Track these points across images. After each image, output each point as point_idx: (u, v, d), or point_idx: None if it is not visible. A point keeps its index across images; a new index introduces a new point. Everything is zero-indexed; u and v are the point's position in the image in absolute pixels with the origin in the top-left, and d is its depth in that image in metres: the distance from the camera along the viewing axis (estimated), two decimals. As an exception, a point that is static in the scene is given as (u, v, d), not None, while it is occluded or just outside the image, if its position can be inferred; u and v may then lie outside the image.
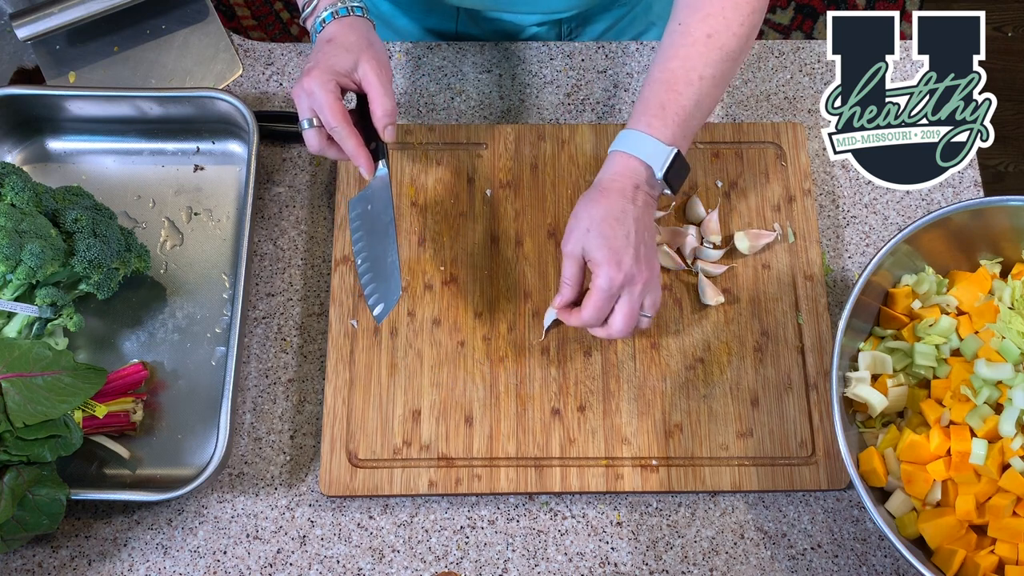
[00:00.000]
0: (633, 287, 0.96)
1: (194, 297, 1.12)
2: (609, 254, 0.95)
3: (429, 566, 1.02)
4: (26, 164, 1.18)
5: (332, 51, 0.99)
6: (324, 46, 0.99)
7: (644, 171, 0.97)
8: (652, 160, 0.96)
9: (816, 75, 1.25)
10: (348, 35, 1.00)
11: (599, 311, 0.97)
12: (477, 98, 1.23)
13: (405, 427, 1.05)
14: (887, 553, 1.03)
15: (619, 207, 0.96)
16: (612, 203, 0.96)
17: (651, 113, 0.97)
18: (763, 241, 1.13)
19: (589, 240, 0.96)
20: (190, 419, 1.07)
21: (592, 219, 0.96)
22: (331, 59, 0.98)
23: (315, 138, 0.99)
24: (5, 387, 0.95)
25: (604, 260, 0.95)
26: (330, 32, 1.00)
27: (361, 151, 0.98)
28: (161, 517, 1.04)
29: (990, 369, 0.94)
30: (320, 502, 1.05)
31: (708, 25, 0.97)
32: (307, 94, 0.97)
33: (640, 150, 0.97)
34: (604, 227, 0.95)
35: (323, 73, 0.97)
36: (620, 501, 1.05)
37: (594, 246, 0.95)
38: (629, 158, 0.97)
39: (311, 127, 0.99)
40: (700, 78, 0.97)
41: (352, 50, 0.99)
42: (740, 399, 1.07)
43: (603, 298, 0.96)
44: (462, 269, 1.12)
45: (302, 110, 0.99)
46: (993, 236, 1.03)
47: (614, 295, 0.96)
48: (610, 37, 1.33)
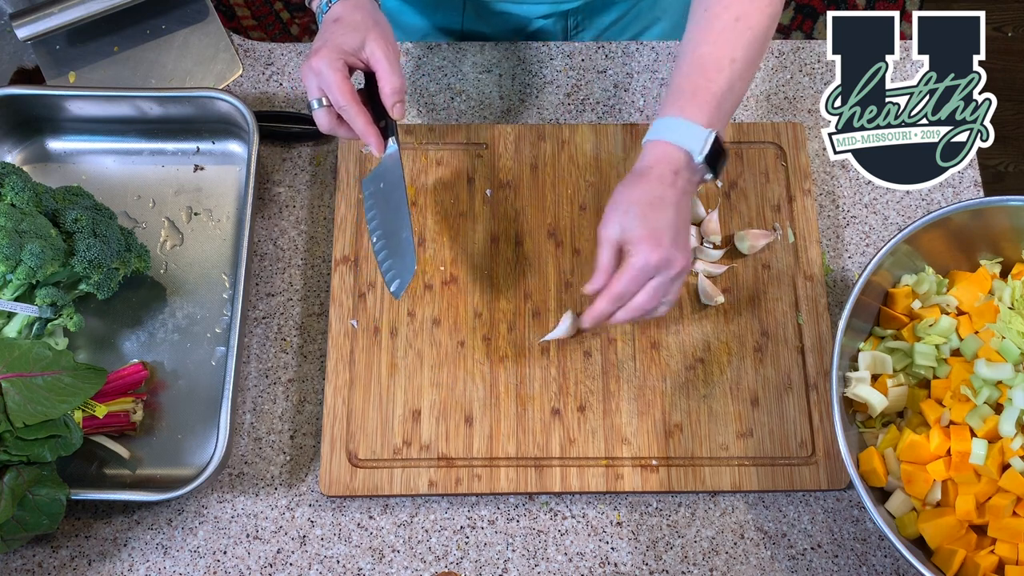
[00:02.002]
0: (669, 271, 0.93)
1: (194, 297, 1.12)
2: (648, 233, 0.92)
3: (429, 566, 1.02)
4: (26, 164, 1.18)
5: (339, 30, 0.98)
6: (331, 26, 0.99)
7: (683, 157, 0.94)
8: (690, 144, 0.94)
9: (816, 75, 1.25)
10: (354, 14, 1.00)
11: (628, 289, 0.94)
12: (477, 98, 1.23)
13: (405, 427, 1.05)
14: (887, 553, 1.03)
15: (658, 191, 0.94)
16: (651, 187, 0.94)
17: (684, 99, 0.95)
18: (763, 241, 1.13)
19: (628, 220, 0.93)
20: (190, 419, 1.07)
21: (631, 201, 0.94)
22: (338, 38, 0.98)
23: (325, 118, 0.99)
24: (5, 387, 0.95)
25: (642, 238, 0.92)
26: (336, 12, 1.00)
27: (370, 129, 0.98)
28: (161, 517, 1.04)
29: (990, 369, 0.94)
30: (320, 502, 1.05)
31: (736, 8, 0.96)
32: (315, 74, 0.97)
33: (676, 136, 0.94)
34: (644, 208, 0.93)
35: (331, 52, 0.97)
36: (620, 501, 1.05)
37: (633, 225, 0.93)
38: (666, 145, 0.95)
39: (320, 107, 0.99)
40: (731, 61, 0.95)
41: (359, 29, 0.98)
42: (740, 399, 1.07)
43: (636, 277, 0.93)
44: (462, 269, 1.12)
45: (311, 90, 0.99)
46: (993, 236, 1.03)
47: (648, 275, 0.93)
48: (616, 31, 1.33)
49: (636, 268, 0.93)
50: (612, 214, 0.95)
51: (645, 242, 0.92)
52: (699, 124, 0.94)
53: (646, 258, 0.92)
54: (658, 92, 1.23)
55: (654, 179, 0.94)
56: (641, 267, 0.92)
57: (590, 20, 1.31)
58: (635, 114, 1.22)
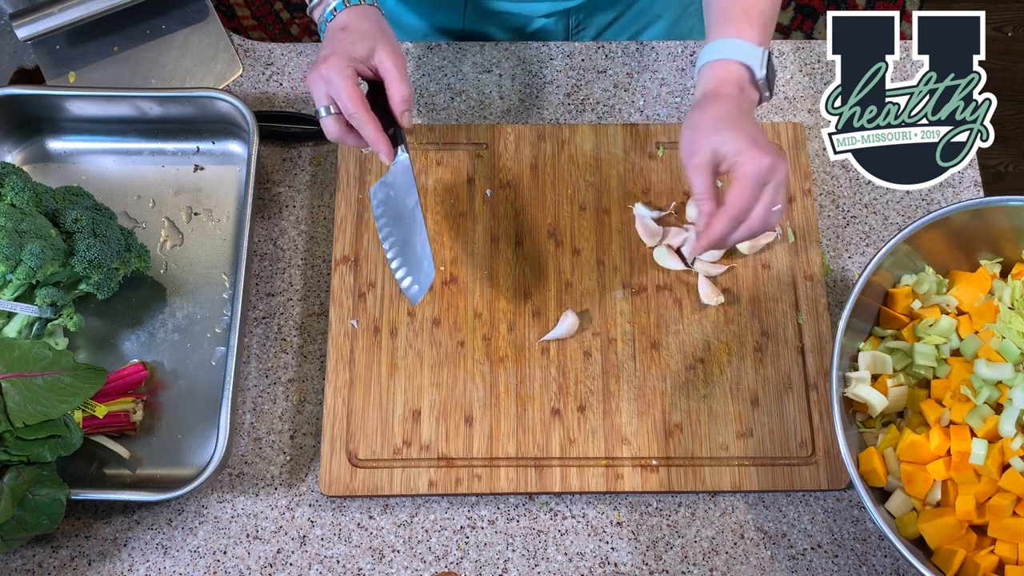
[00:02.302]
0: (778, 174, 0.92)
1: (194, 297, 1.12)
2: (749, 141, 0.91)
3: (429, 566, 1.02)
4: (26, 164, 1.18)
5: (348, 38, 0.98)
6: (338, 34, 0.99)
7: (746, 73, 0.96)
8: (751, 61, 0.96)
9: (816, 75, 1.25)
10: (362, 22, 1.00)
11: (748, 200, 0.91)
12: (477, 98, 1.23)
13: (405, 427, 1.05)
14: (887, 553, 1.03)
15: (735, 107, 0.94)
16: (728, 104, 0.94)
17: (738, 19, 0.97)
18: (763, 241, 1.13)
19: (719, 138, 0.92)
20: (190, 419, 1.07)
21: (716, 119, 0.93)
22: (347, 46, 0.98)
23: (334, 125, 0.99)
24: (5, 387, 0.95)
25: (746, 147, 0.91)
26: (343, 20, 1.00)
27: (380, 136, 0.98)
28: (161, 517, 1.04)
29: (990, 369, 0.94)
30: (320, 502, 1.05)
31: None
32: (325, 81, 0.97)
33: (738, 54, 0.96)
34: (731, 123, 0.93)
35: (340, 60, 0.97)
36: (620, 501, 1.05)
37: (727, 139, 0.92)
38: (729, 63, 0.96)
39: (328, 115, 0.98)
40: None
41: (368, 37, 0.99)
42: (740, 399, 1.07)
43: (753, 186, 0.91)
44: (462, 269, 1.12)
45: (319, 97, 0.98)
46: (993, 236, 1.03)
47: (762, 182, 0.91)
48: (616, 28, 1.33)
49: (752, 176, 0.91)
50: (699, 137, 0.93)
51: (750, 150, 0.91)
52: (754, 43, 0.96)
53: (759, 163, 0.90)
54: (658, 92, 1.23)
55: (727, 97, 0.95)
56: (756, 174, 0.91)
57: (591, 18, 1.31)
58: (635, 114, 1.22)
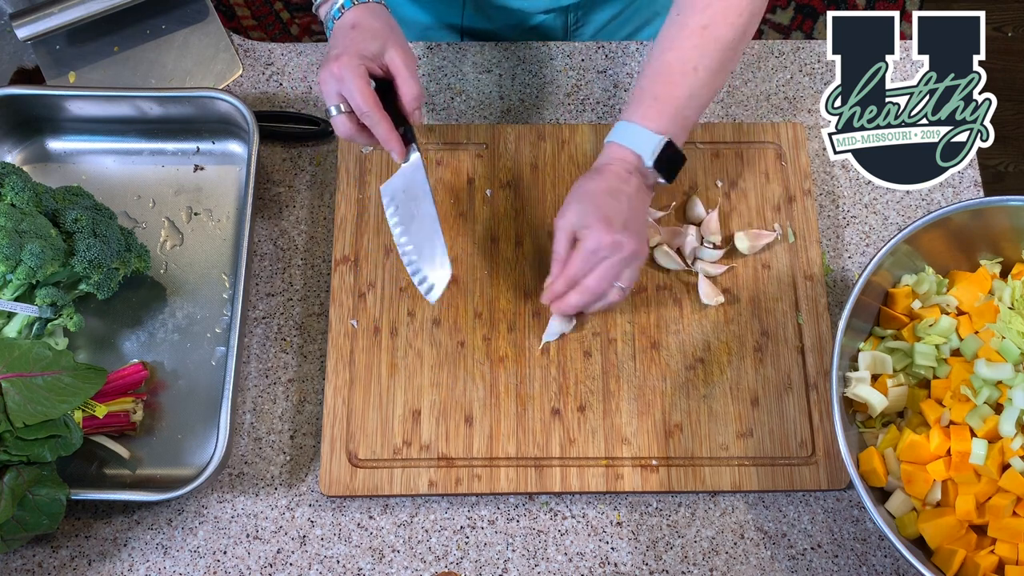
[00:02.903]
0: (619, 253, 0.97)
1: (194, 297, 1.12)
2: (600, 218, 0.97)
3: (429, 566, 1.02)
4: (26, 164, 1.18)
5: (358, 37, 0.98)
6: (348, 32, 0.99)
7: (635, 159, 0.99)
8: (642, 149, 0.98)
9: (816, 75, 1.25)
10: (372, 21, 1.00)
11: (581, 270, 0.98)
12: (477, 98, 1.23)
13: (405, 427, 1.05)
14: (887, 553, 1.03)
15: (614, 184, 0.98)
16: (607, 180, 0.99)
17: (645, 104, 0.99)
18: (763, 241, 1.13)
19: (582, 209, 0.98)
20: (190, 419, 1.07)
21: (587, 192, 0.99)
22: (359, 44, 0.98)
23: (345, 124, 0.99)
24: (5, 387, 0.95)
25: (594, 223, 0.97)
26: (353, 18, 1.00)
27: (393, 135, 0.99)
28: (161, 517, 1.04)
29: (990, 369, 0.94)
30: (320, 502, 1.05)
31: (704, 16, 0.98)
32: (336, 80, 0.97)
33: (631, 140, 0.99)
34: (598, 198, 0.98)
35: (352, 58, 0.96)
36: (620, 501, 1.05)
37: (587, 212, 0.98)
38: (620, 148, 1.00)
39: (340, 113, 0.98)
40: (695, 69, 0.98)
41: (378, 35, 0.99)
42: (740, 399, 1.07)
43: (587, 258, 0.98)
44: (462, 269, 1.12)
45: (329, 96, 0.98)
46: (993, 236, 1.03)
47: (599, 257, 0.98)
48: (616, 26, 1.33)
49: (587, 250, 0.97)
50: (569, 205, 1.00)
51: (596, 226, 0.97)
52: (653, 130, 0.98)
53: (597, 240, 0.97)
54: (658, 92, 1.23)
55: (610, 174, 0.99)
56: (592, 249, 0.97)
57: (588, 16, 1.31)
58: (635, 114, 1.22)
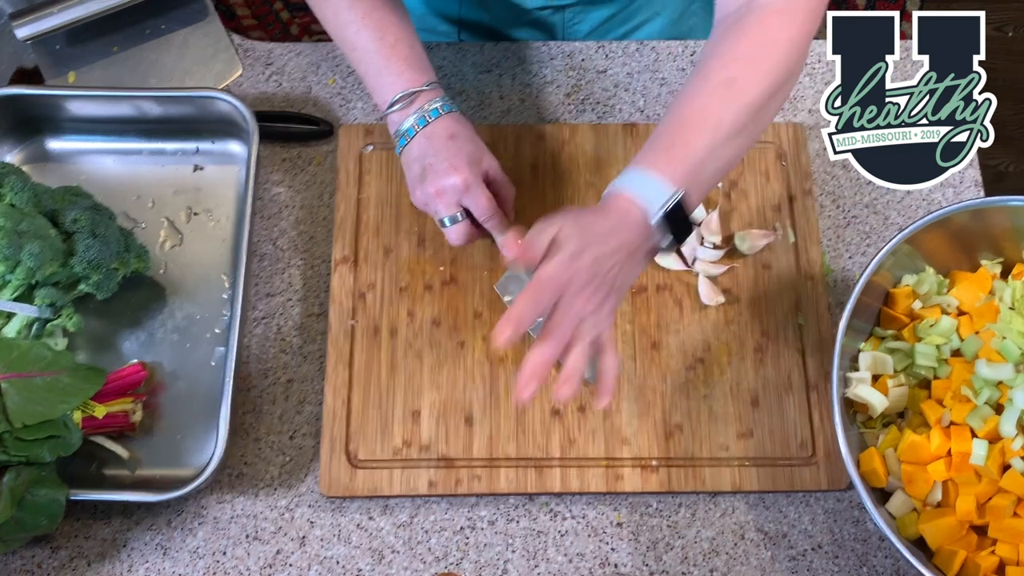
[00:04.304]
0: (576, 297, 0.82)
1: (194, 297, 1.12)
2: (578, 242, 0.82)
3: (429, 567, 1.02)
4: (26, 164, 1.18)
5: (464, 147, 1.00)
6: (448, 143, 0.99)
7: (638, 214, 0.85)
8: (648, 201, 0.84)
9: (816, 75, 1.25)
10: (465, 130, 1.01)
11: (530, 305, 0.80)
12: (477, 98, 1.23)
13: (405, 427, 1.05)
14: (888, 554, 1.03)
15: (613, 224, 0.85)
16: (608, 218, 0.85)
17: (656, 152, 0.87)
18: (763, 241, 1.12)
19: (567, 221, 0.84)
20: (189, 419, 1.07)
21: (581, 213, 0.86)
22: (471, 154, 1.00)
23: (463, 232, 1.00)
24: (4, 387, 0.95)
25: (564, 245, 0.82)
26: (450, 128, 1.00)
27: (512, 236, 1.00)
28: (160, 518, 1.04)
29: (991, 369, 0.94)
30: (319, 503, 1.05)
31: (729, 71, 0.89)
32: (462, 191, 0.98)
33: (635, 189, 0.85)
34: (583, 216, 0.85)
35: (473, 168, 0.98)
36: (620, 502, 1.05)
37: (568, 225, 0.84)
38: (621, 198, 0.85)
39: (454, 223, 1.00)
40: (716, 126, 0.87)
41: (474, 142, 1.01)
42: (740, 399, 1.07)
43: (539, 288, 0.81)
44: (462, 269, 1.12)
45: (449, 206, 0.99)
46: (994, 236, 1.03)
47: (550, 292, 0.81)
48: (614, 23, 1.33)
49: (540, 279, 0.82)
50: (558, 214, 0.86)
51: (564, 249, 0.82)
52: (664, 181, 0.84)
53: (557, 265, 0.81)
54: (658, 92, 1.23)
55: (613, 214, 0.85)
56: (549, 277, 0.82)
57: (586, 13, 1.31)
58: (635, 114, 1.22)
